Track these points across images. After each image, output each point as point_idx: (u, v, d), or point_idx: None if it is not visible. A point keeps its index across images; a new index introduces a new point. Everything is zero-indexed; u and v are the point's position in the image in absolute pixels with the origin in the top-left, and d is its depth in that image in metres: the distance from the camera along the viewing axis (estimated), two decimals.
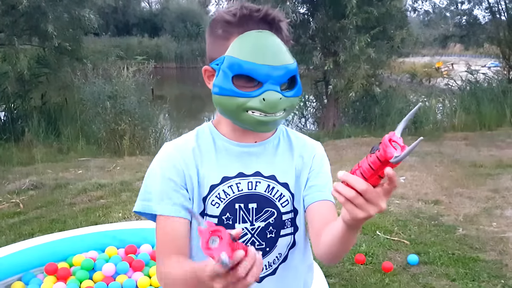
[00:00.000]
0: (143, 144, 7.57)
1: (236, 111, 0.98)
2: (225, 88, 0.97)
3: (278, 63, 0.97)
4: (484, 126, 8.36)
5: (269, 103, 0.96)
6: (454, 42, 10.58)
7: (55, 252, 2.91)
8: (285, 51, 1.00)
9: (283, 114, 1.01)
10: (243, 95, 0.96)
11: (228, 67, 0.97)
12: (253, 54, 0.96)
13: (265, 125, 1.00)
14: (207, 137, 1.10)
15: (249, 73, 0.96)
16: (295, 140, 1.15)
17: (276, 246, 1.08)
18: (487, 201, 4.57)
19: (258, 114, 0.97)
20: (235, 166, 1.06)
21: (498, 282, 3.05)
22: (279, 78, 0.97)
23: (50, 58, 8.67)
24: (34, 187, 5.16)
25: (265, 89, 0.96)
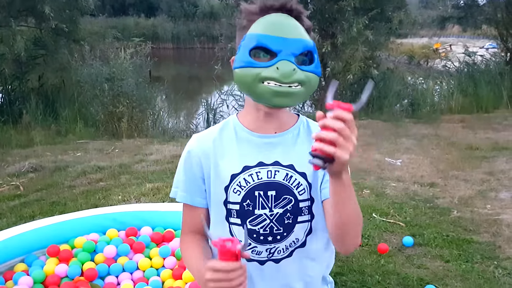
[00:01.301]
0: (141, 127, 7.58)
1: (253, 82, 1.02)
2: (242, 60, 1.03)
3: (293, 36, 1.02)
4: (481, 109, 8.38)
5: (283, 72, 1.00)
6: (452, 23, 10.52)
7: (57, 235, 2.95)
8: (302, 30, 1.05)
9: (299, 88, 1.03)
10: (258, 65, 1.01)
11: (247, 42, 1.03)
12: (269, 28, 1.02)
13: (280, 96, 1.02)
14: (230, 129, 1.18)
15: (264, 44, 1.01)
16: (314, 128, 1.18)
17: (293, 231, 1.14)
18: (482, 184, 4.63)
19: (273, 84, 1.01)
20: (256, 156, 1.13)
21: (491, 264, 3.12)
22: (293, 49, 1.01)
23: (47, 39, 8.59)
24: (34, 169, 5.20)
25: (279, 59, 1.00)
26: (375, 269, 3.08)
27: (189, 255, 1.16)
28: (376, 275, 3.01)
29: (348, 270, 3.05)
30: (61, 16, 8.28)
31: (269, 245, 1.14)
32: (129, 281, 2.68)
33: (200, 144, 1.18)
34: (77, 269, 2.66)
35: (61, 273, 2.64)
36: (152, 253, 2.90)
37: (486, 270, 3.04)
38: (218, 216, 1.17)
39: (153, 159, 5.70)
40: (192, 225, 1.19)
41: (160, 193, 4.40)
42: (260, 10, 1.06)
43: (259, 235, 1.13)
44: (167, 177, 4.86)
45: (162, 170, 5.17)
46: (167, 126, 8.28)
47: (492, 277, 2.96)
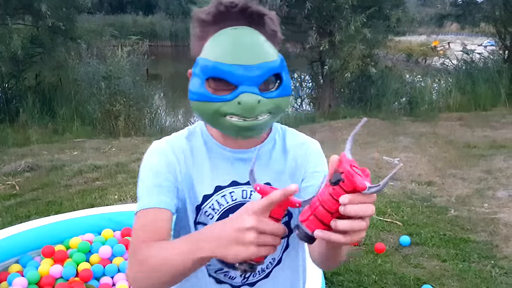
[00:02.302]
0: (138, 125, 7.56)
1: (213, 117, 0.91)
2: (198, 92, 0.91)
3: (254, 62, 0.87)
4: (479, 106, 8.37)
5: (245, 106, 0.87)
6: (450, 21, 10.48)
7: (51, 235, 2.95)
8: (266, 47, 0.90)
9: (267, 117, 0.91)
10: (217, 99, 0.89)
11: (200, 70, 0.90)
12: (225, 53, 0.88)
13: (246, 131, 0.91)
14: (199, 140, 1.04)
15: (221, 75, 0.88)
16: (290, 141, 1.08)
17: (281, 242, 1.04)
18: (480, 182, 4.62)
19: (236, 119, 0.89)
20: (229, 174, 1.01)
21: (488, 263, 3.11)
22: (255, 78, 0.87)
23: (43, 37, 8.54)
24: (30, 168, 5.17)
25: (240, 91, 0.87)
26: (372, 269, 3.07)
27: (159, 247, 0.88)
28: (373, 274, 3.00)
29: (344, 270, 3.04)
30: (58, 14, 8.22)
31: None
32: (125, 282, 2.66)
33: (173, 149, 1.02)
34: (72, 270, 2.66)
35: (56, 274, 2.63)
36: None
37: (483, 270, 3.04)
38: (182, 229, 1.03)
39: None
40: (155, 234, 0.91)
41: None
42: (214, 19, 0.92)
43: None
44: None
45: None
46: (164, 125, 8.25)
47: (489, 276, 2.96)
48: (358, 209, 0.68)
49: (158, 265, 0.85)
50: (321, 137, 6.35)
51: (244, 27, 0.91)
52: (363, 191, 0.67)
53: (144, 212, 0.94)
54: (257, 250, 0.73)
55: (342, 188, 0.69)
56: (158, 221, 0.93)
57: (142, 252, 0.89)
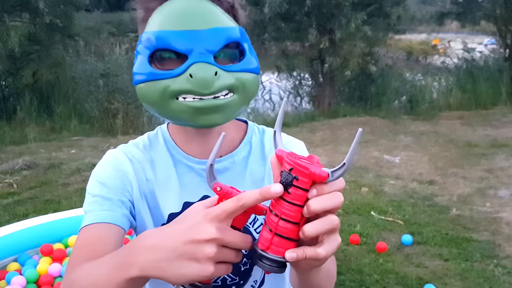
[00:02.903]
0: (136, 123, 7.51)
1: (162, 100, 0.74)
2: (142, 73, 0.75)
3: (206, 26, 0.72)
4: (479, 105, 8.35)
5: (199, 79, 0.71)
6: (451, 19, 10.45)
7: (50, 234, 2.92)
8: (220, 14, 0.75)
9: (231, 97, 0.75)
10: (163, 75, 0.73)
11: (144, 46, 0.75)
12: (172, 20, 0.73)
13: (205, 113, 0.74)
14: (162, 149, 0.89)
15: (167, 44, 0.72)
16: (268, 143, 0.91)
17: (251, 275, 0.88)
18: (481, 181, 4.59)
19: (191, 98, 0.73)
20: (199, 189, 0.85)
21: (491, 262, 3.09)
22: (208, 45, 0.72)
23: (41, 35, 8.50)
24: (28, 167, 5.13)
25: (191, 62, 0.72)
26: (373, 268, 3.04)
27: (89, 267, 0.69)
28: (374, 274, 2.98)
29: (346, 269, 3.01)
30: (56, 11, 8.17)
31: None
32: None
33: (130, 158, 0.86)
34: None
35: (54, 272, 2.61)
36: None
37: (485, 269, 3.01)
38: None
39: None
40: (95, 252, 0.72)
41: None
42: None
43: None
44: None
45: None
46: (162, 123, 8.18)
47: (492, 276, 2.94)
48: (325, 201, 0.55)
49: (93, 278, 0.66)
50: (321, 135, 6.33)
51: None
52: (326, 180, 0.54)
53: (87, 228, 0.78)
54: (214, 268, 0.56)
55: (299, 188, 0.55)
56: (103, 238, 0.76)
57: (70, 275, 0.71)
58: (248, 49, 0.78)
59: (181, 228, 0.58)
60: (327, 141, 5.97)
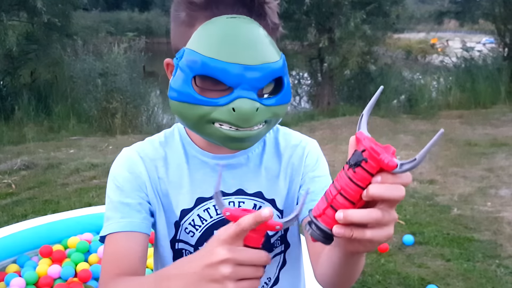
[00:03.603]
0: (135, 123, 7.49)
1: (199, 123, 0.75)
2: (183, 92, 0.73)
3: (255, 62, 0.72)
4: (478, 104, 8.35)
5: (241, 114, 0.72)
6: (449, 18, 10.47)
7: (49, 235, 2.90)
8: (268, 45, 0.75)
9: (263, 127, 0.77)
10: (206, 102, 0.73)
11: (187, 65, 0.73)
12: (220, 48, 0.71)
13: (238, 142, 0.76)
14: (177, 146, 0.90)
15: (214, 74, 0.71)
16: (283, 141, 0.93)
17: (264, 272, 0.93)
18: (482, 181, 4.58)
19: (227, 127, 0.74)
20: (212, 184, 0.86)
21: (493, 262, 3.08)
22: (255, 81, 0.72)
23: (39, 34, 8.47)
24: (26, 167, 5.10)
25: (236, 96, 0.72)
26: (375, 269, 3.03)
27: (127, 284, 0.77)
28: (376, 274, 2.96)
29: None
30: (54, 10, 8.15)
31: None
32: None
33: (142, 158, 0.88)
34: (70, 270, 2.60)
35: (54, 274, 2.58)
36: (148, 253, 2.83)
37: (488, 269, 3.00)
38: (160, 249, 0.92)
39: None
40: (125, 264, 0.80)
41: None
42: (205, 2, 0.75)
43: None
44: None
45: None
46: (161, 122, 8.19)
47: (494, 276, 2.92)
48: (385, 190, 0.54)
49: None
50: (321, 135, 6.31)
51: (243, 17, 0.75)
52: (393, 170, 0.54)
53: (112, 237, 0.82)
54: (235, 285, 0.60)
55: (365, 170, 0.55)
56: (128, 248, 0.81)
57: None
58: (286, 81, 0.78)
59: (199, 255, 0.64)
60: (326, 140, 5.95)
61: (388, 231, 0.58)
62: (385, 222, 0.57)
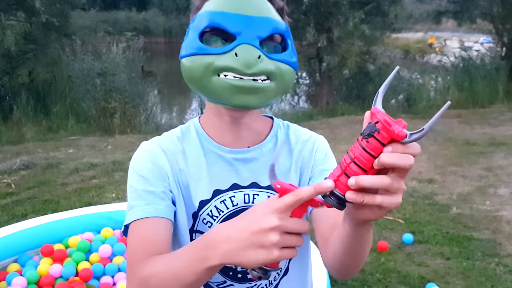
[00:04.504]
0: (134, 123, 7.49)
1: (204, 75, 0.79)
2: (191, 46, 0.80)
3: (259, 14, 0.79)
4: (477, 104, 8.38)
5: (244, 59, 0.76)
6: (447, 17, 10.50)
7: (50, 234, 2.90)
8: (271, 8, 0.83)
9: (268, 83, 0.81)
10: (211, 51, 0.78)
11: (196, 25, 0.81)
12: (226, 3, 0.79)
13: (242, 93, 0.79)
14: (194, 140, 0.94)
15: (218, 24, 0.78)
16: (294, 137, 0.98)
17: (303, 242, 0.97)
18: (481, 180, 4.60)
19: (231, 76, 0.78)
20: (228, 177, 0.91)
21: (492, 261, 3.09)
22: (257, 30, 0.78)
23: (37, 34, 8.46)
24: (25, 167, 5.10)
25: (239, 42, 0.77)
26: (375, 267, 3.04)
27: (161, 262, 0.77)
28: (376, 273, 2.97)
29: None
30: (52, 10, 8.15)
31: (249, 283, 0.93)
32: (125, 281, 2.61)
33: (163, 150, 0.92)
34: (71, 269, 2.61)
35: (55, 273, 2.59)
36: None
37: (487, 268, 3.01)
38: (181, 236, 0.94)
39: None
40: (154, 247, 0.82)
41: None
42: None
43: (236, 273, 0.92)
44: None
45: None
46: (160, 122, 8.20)
47: (494, 274, 2.94)
48: (396, 158, 0.58)
49: (163, 282, 0.74)
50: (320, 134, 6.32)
51: None
52: (403, 140, 0.58)
53: (138, 223, 0.84)
54: (280, 253, 0.63)
55: (377, 140, 0.59)
56: (155, 233, 0.83)
57: (142, 271, 0.78)
58: (290, 45, 0.84)
59: (248, 220, 0.65)
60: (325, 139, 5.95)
61: (396, 199, 0.61)
62: (394, 190, 0.60)
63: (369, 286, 2.85)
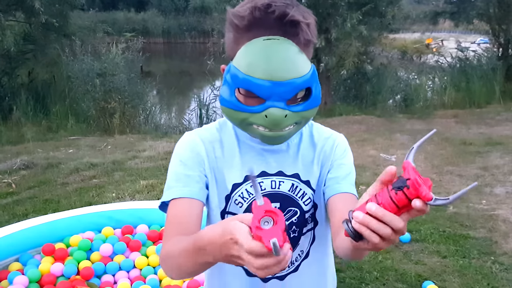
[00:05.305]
0: (133, 123, 7.52)
1: (241, 124, 0.95)
2: (227, 100, 0.92)
3: (284, 78, 0.87)
4: (473, 104, 8.42)
5: (272, 120, 0.89)
6: (444, 18, 10.54)
7: (51, 233, 2.91)
8: (298, 61, 0.90)
9: (293, 127, 0.94)
10: (245, 109, 0.91)
11: (231, 78, 0.91)
12: (254, 67, 0.88)
13: (271, 140, 0.95)
14: (230, 132, 1.07)
15: (249, 88, 0.89)
16: (317, 134, 1.10)
17: (298, 244, 1.07)
18: (477, 179, 4.63)
19: (262, 129, 0.92)
20: (258, 165, 1.03)
21: (488, 259, 3.13)
22: (283, 94, 0.88)
23: (36, 34, 8.47)
24: (26, 166, 5.12)
25: (268, 106, 0.89)
26: (373, 265, 3.07)
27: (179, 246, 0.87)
28: (374, 271, 3.00)
29: (346, 267, 3.04)
30: (51, 10, 8.15)
31: None
32: (126, 279, 2.65)
33: (202, 140, 1.05)
34: (73, 268, 2.63)
35: (57, 272, 2.61)
36: (149, 251, 2.87)
37: (483, 266, 3.05)
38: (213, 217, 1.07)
39: (147, 155, 5.64)
40: (181, 227, 0.94)
41: (154, 190, 4.36)
42: (248, 26, 0.92)
43: None
44: (161, 174, 4.82)
45: (156, 167, 5.12)
46: (159, 122, 8.22)
47: (490, 272, 2.97)
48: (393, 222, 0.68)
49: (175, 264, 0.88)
50: None
51: (277, 39, 0.90)
52: (428, 202, 0.66)
53: (175, 202, 0.98)
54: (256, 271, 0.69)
55: (405, 195, 0.67)
56: (187, 213, 0.97)
57: (165, 247, 0.93)
58: (314, 89, 0.93)
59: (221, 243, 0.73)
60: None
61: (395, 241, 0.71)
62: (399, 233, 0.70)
63: (366, 284, 2.88)
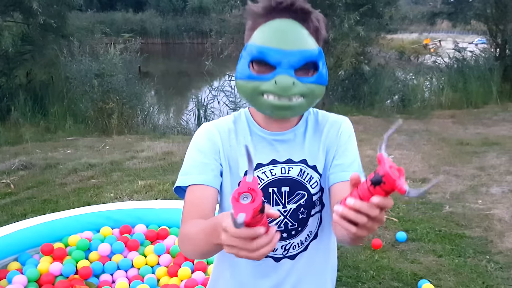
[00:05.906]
0: (131, 123, 7.53)
1: (252, 95, 1.03)
2: (242, 72, 1.03)
3: (293, 48, 0.99)
4: (471, 104, 8.45)
5: (281, 85, 0.98)
6: (442, 18, 10.57)
7: (50, 233, 2.93)
8: (305, 37, 1.01)
9: (301, 100, 1.02)
10: (257, 78, 1.01)
11: (247, 54, 1.02)
12: (268, 39, 1.00)
13: (280, 110, 1.01)
14: (244, 123, 1.17)
15: (262, 57, 0.99)
16: (322, 120, 1.18)
17: (307, 225, 1.15)
18: (473, 179, 4.67)
19: (272, 97, 1.00)
20: (268, 154, 1.12)
21: (483, 258, 3.15)
22: (292, 62, 0.98)
23: (34, 35, 8.48)
24: (24, 167, 5.13)
25: (277, 72, 0.98)
26: (369, 264, 3.09)
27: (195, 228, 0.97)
28: (370, 270, 3.02)
29: (343, 266, 3.06)
30: (49, 11, 8.16)
31: (284, 241, 1.14)
32: (124, 279, 2.66)
33: (219, 130, 1.15)
34: (71, 268, 2.65)
35: (55, 271, 2.63)
36: (146, 250, 2.89)
37: (478, 265, 3.07)
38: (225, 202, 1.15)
39: (145, 156, 5.66)
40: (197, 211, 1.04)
41: (152, 190, 4.37)
42: (264, 11, 1.04)
43: None
44: (159, 174, 4.83)
45: (154, 167, 5.14)
46: (157, 123, 8.23)
47: (485, 271, 2.99)
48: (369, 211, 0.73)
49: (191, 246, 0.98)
50: None
51: (289, 19, 1.01)
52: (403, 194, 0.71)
53: (192, 188, 1.07)
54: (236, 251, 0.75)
55: (381, 189, 0.72)
56: (203, 198, 1.06)
57: (183, 229, 1.03)
58: (321, 66, 1.03)
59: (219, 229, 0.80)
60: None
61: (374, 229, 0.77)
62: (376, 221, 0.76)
63: (363, 283, 2.90)
